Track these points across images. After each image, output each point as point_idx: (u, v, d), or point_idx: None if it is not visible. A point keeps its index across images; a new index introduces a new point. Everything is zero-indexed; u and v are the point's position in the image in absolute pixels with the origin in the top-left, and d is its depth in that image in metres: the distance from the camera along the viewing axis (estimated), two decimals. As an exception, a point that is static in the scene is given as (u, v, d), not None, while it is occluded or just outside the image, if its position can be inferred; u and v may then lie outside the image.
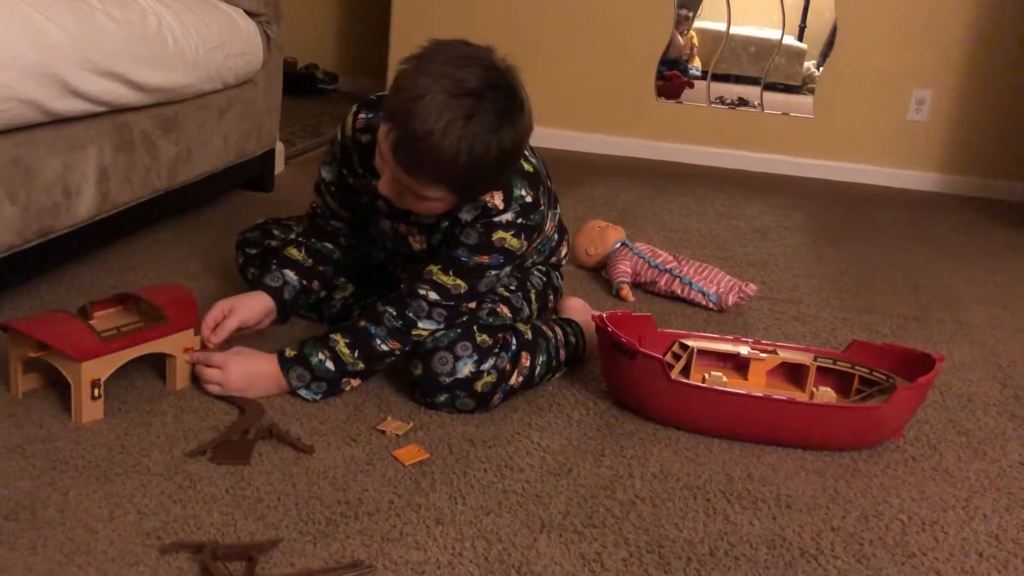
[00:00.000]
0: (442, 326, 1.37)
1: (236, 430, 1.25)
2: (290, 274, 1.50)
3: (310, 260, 1.52)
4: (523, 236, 1.37)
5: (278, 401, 1.35)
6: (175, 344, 1.35)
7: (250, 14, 2.32)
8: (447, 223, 1.39)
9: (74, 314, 1.29)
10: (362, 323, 1.38)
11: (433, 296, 1.36)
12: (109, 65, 1.65)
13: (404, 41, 3.68)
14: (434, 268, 1.37)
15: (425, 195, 1.24)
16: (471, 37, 1.27)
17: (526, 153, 1.38)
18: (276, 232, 1.69)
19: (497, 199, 1.34)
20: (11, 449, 1.17)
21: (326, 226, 1.54)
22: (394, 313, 1.37)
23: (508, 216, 1.35)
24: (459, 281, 1.36)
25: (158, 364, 1.38)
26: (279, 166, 2.72)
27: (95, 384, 1.25)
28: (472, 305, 1.39)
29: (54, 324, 1.25)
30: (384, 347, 1.37)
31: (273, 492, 1.13)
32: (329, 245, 1.53)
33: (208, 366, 1.35)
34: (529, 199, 1.36)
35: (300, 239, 1.54)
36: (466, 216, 1.36)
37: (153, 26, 1.82)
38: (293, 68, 4.39)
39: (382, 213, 1.47)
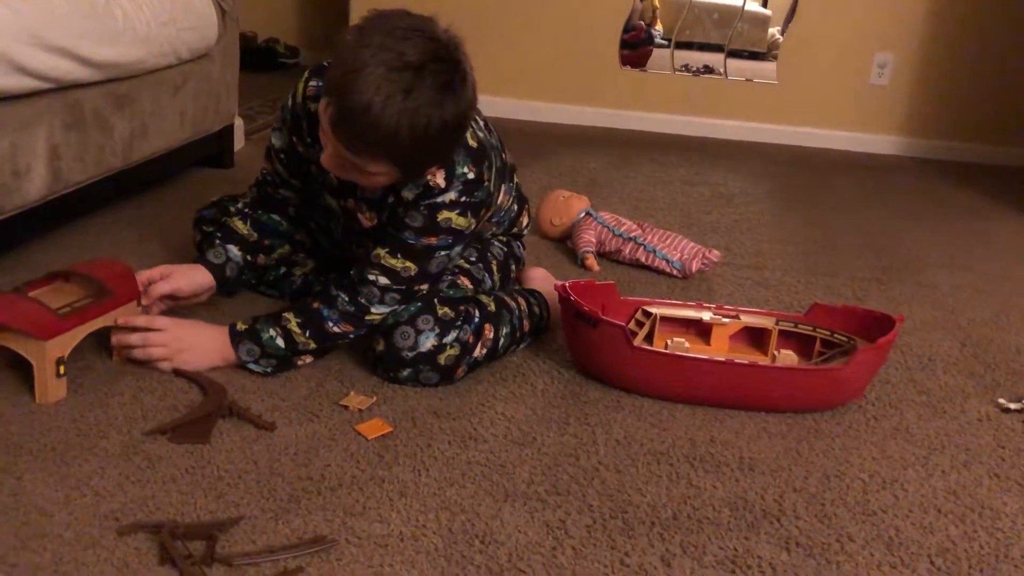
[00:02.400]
0: (394, 307, 1.36)
1: (200, 410, 1.23)
2: (234, 250, 1.48)
3: (255, 234, 1.50)
4: (469, 214, 1.36)
5: (239, 378, 1.34)
6: (123, 317, 1.33)
7: (203, -13, 2.27)
8: (392, 199, 1.37)
9: (18, 293, 1.26)
10: (315, 304, 1.36)
11: (384, 281, 1.35)
12: (56, 40, 1.61)
13: (365, 13, 3.62)
14: (382, 252, 1.36)
15: (368, 170, 1.23)
16: (431, 11, 1.24)
17: (472, 126, 1.36)
18: (232, 208, 1.67)
19: (439, 177, 1.32)
20: (-36, 434, 1.15)
21: (275, 194, 1.52)
22: (346, 299, 1.36)
23: (451, 195, 1.33)
24: (408, 263, 1.35)
25: (105, 342, 1.36)
26: (239, 142, 2.68)
27: (59, 362, 1.22)
28: (425, 287, 1.38)
29: (6, 305, 1.22)
30: (336, 329, 1.36)
31: (234, 470, 1.12)
32: (276, 216, 1.51)
33: (150, 330, 1.34)
34: (472, 175, 1.34)
35: (247, 210, 1.52)
36: (408, 194, 1.34)
37: (102, 1, 1.77)
38: (253, 43, 4.32)
39: (329, 187, 1.45)
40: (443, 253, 1.37)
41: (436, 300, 1.38)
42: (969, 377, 1.59)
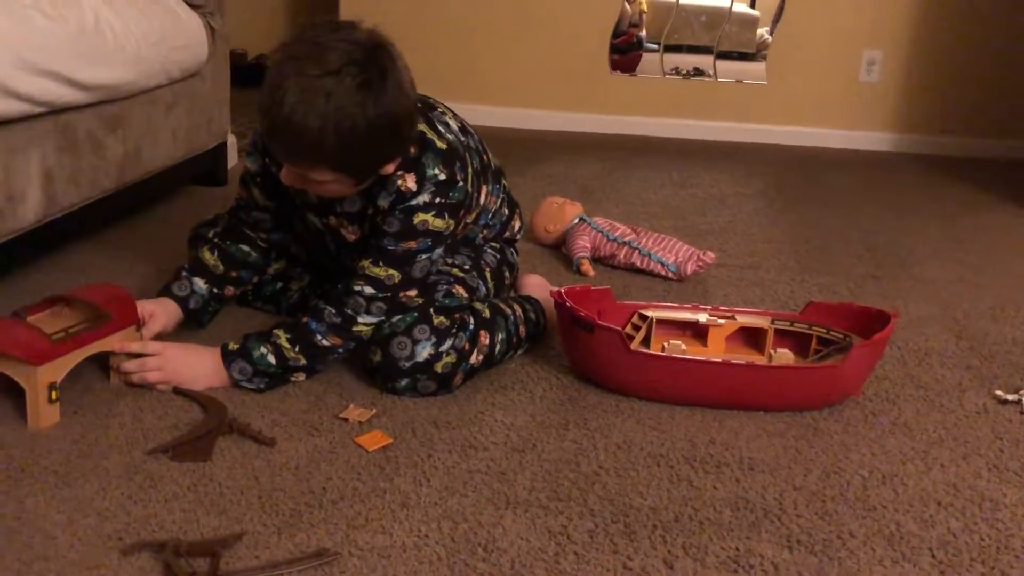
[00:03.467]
0: (382, 318, 1.37)
1: (201, 428, 1.24)
2: (199, 282, 1.49)
3: (222, 265, 1.51)
4: (446, 215, 1.36)
5: (238, 395, 1.34)
6: (121, 341, 1.33)
7: (192, 6, 2.29)
8: (371, 210, 1.38)
9: (15, 318, 1.26)
10: (304, 319, 1.37)
11: (369, 290, 1.36)
12: (46, 64, 1.61)
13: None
14: (366, 262, 1.37)
15: (316, 179, 1.26)
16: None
17: (440, 129, 1.39)
18: (205, 237, 1.66)
19: (410, 181, 1.34)
20: (-35, 460, 1.15)
21: (247, 219, 1.52)
22: (333, 311, 1.36)
23: (424, 197, 1.34)
24: (391, 271, 1.36)
25: (104, 364, 1.36)
26: (232, 159, 2.69)
27: (52, 387, 1.23)
28: (412, 293, 1.38)
29: (3, 330, 1.23)
30: (325, 342, 1.36)
31: (235, 487, 1.13)
32: (245, 247, 1.52)
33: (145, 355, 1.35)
34: (443, 176, 1.35)
35: (216, 239, 1.52)
36: (383, 202, 1.35)
37: (91, 22, 1.78)
38: (243, 60, 4.33)
39: (309, 206, 1.46)
40: (424, 256, 1.37)
41: (431, 309, 1.39)
42: (966, 370, 1.60)
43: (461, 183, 1.37)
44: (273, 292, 1.63)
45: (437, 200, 1.35)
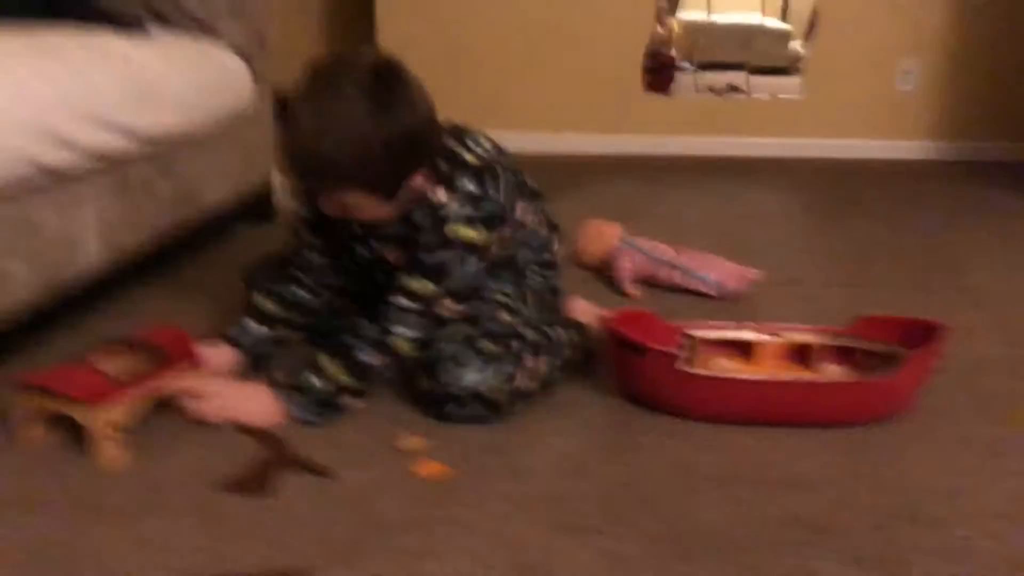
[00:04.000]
0: (419, 332, 1.39)
1: (261, 462, 1.27)
2: (254, 326, 1.54)
3: (276, 309, 1.55)
4: (480, 226, 1.39)
5: (295, 428, 1.37)
6: (181, 380, 1.37)
7: (236, 51, 2.35)
8: (408, 230, 1.42)
9: (81, 363, 1.31)
10: (343, 339, 1.40)
11: (404, 302, 1.39)
12: (100, 115, 1.67)
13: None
14: (403, 276, 1.41)
15: (349, 202, 1.32)
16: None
17: (471, 145, 1.43)
18: (259, 287, 1.70)
19: (442, 195, 1.38)
20: (39, 501, 1.19)
21: (300, 262, 1.57)
22: (371, 325, 1.40)
23: (454, 207, 1.38)
24: (425, 282, 1.39)
25: (166, 404, 1.40)
26: (279, 197, 2.74)
27: (114, 427, 1.27)
28: (449, 304, 1.41)
29: (66, 375, 1.28)
30: (366, 358, 1.38)
31: (297, 519, 1.15)
32: (297, 290, 1.56)
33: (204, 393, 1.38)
34: (474, 189, 1.39)
35: (269, 285, 1.57)
36: (419, 219, 1.40)
37: (139, 72, 1.84)
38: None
39: (354, 237, 1.50)
40: (458, 267, 1.40)
41: (478, 334, 1.41)
42: (1020, 380, 1.58)
43: (493, 195, 1.41)
44: (328, 329, 1.66)
45: (470, 212, 1.39)
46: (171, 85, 1.94)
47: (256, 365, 1.54)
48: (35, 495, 1.20)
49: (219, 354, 1.49)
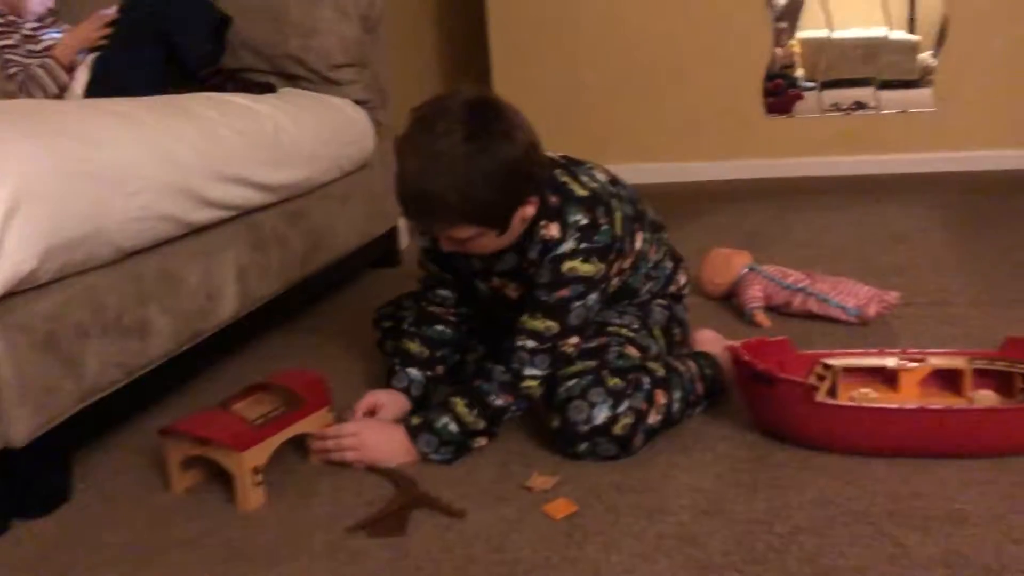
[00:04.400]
0: (548, 371, 1.39)
1: (394, 503, 1.29)
2: (413, 371, 1.56)
3: (426, 350, 1.58)
4: (595, 259, 1.39)
5: (427, 469, 1.38)
6: (316, 423, 1.42)
7: (358, 103, 2.44)
8: (524, 264, 1.43)
9: (221, 408, 1.37)
10: (476, 382, 1.41)
11: (531, 344, 1.39)
12: (235, 172, 1.76)
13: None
14: (525, 317, 1.41)
15: (462, 237, 1.34)
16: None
17: (584, 179, 1.43)
18: (407, 304, 1.75)
19: (554, 230, 1.38)
20: (186, 543, 1.24)
21: (434, 299, 1.60)
22: (501, 369, 1.40)
23: (570, 244, 1.38)
24: (548, 322, 1.39)
25: (303, 447, 1.44)
26: (404, 241, 2.81)
27: (256, 471, 1.31)
28: (572, 341, 1.40)
29: (208, 420, 1.33)
30: (499, 402, 1.39)
31: (431, 559, 1.16)
32: (439, 327, 1.59)
33: (342, 436, 1.41)
34: (585, 221, 1.38)
35: (413, 329, 1.60)
36: (533, 254, 1.40)
37: (270, 130, 1.93)
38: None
39: (475, 272, 1.52)
40: (578, 304, 1.39)
41: (605, 371, 1.39)
42: None
43: (606, 226, 1.40)
44: (453, 364, 1.68)
45: (583, 245, 1.38)
46: (299, 140, 2.03)
47: (420, 408, 1.57)
48: (189, 538, 1.25)
49: (393, 400, 1.53)
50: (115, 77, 2.10)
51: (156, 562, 1.20)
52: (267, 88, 2.28)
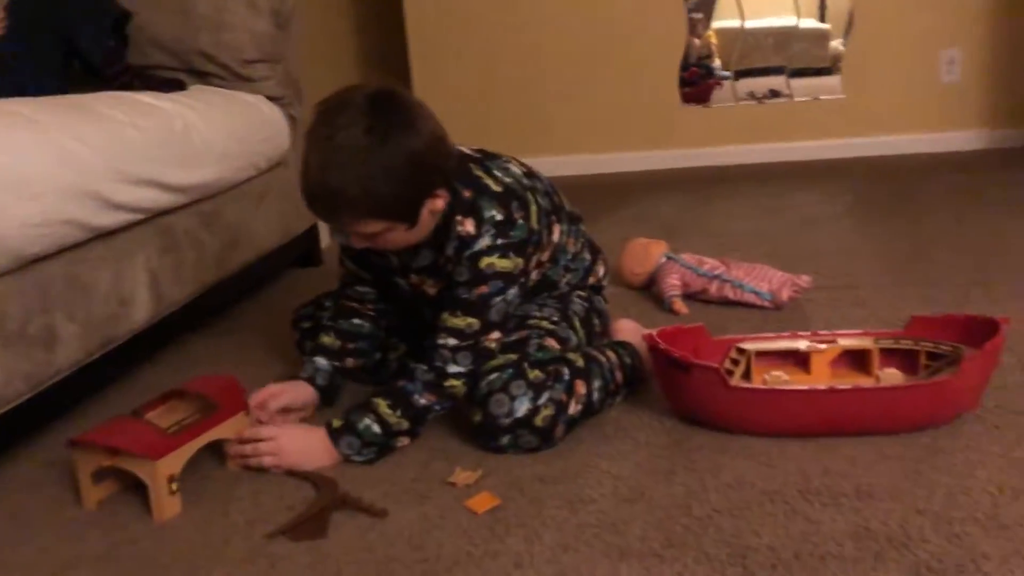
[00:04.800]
0: (470, 367, 1.39)
1: (315, 506, 1.27)
2: (321, 360, 1.55)
3: (339, 342, 1.57)
4: (512, 254, 1.39)
5: (348, 470, 1.37)
6: (232, 428, 1.39)
7: (271, 99, 2.40)
8: (441, 260, 1.43)
9: (134, 417, 1.33)
10: (399, 383, 1.40)
11: (452, 341, 1.39)
12: (142, 173, 1.71)
13: (426, 101, 3.74)
14: (445, 315, 1.41)
15: (370, 232, 1.33)
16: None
17: (497, 174, 1.43)
18: (328, 304, 1.73)
19: (469, 226, 1.38)
20: (99, 557, 1.20)
21: (354, 295, 1.59)
22: (424, 367, 1.40)
23: (486, 240, 1.38)
24: (469, 319, 1.39)
25: (219, 452, 1.41)
26: (325, 240, 2.78)
27: (171, 479, 1.28)
28: (494, 337, 1.41)
29: (120, 429, 1.30)
30: (423, 401, 1.39)
31: (352, 561, 1.15)
32: (356, 321, 1.59)
33: (259, 440, 1.39)
34: (500, 217, 1.39)
35: (328, 323, 1.59)
36: (450, 251, 1.40)
37: (180, 128, 1.88)
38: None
39: (393, 269, 1.52)
40: (499, 299, 1.40)
41: (526, 364, 1.40)
42: (1093, 370, 1.51)
43: (521, 221, 1.40)
44: (373, 363, 1.66)
45: (499, 241, 1.38)
46: (211, 138, 1.98)
47: (328, 400, 1.55)
48: (103, 551, 1.21)
49: (292, 387, 1.51)
50: (11, 72, 2.02)
51: (68, 578, 1.16)
52: (176, 85, 2.23)
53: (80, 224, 1.55)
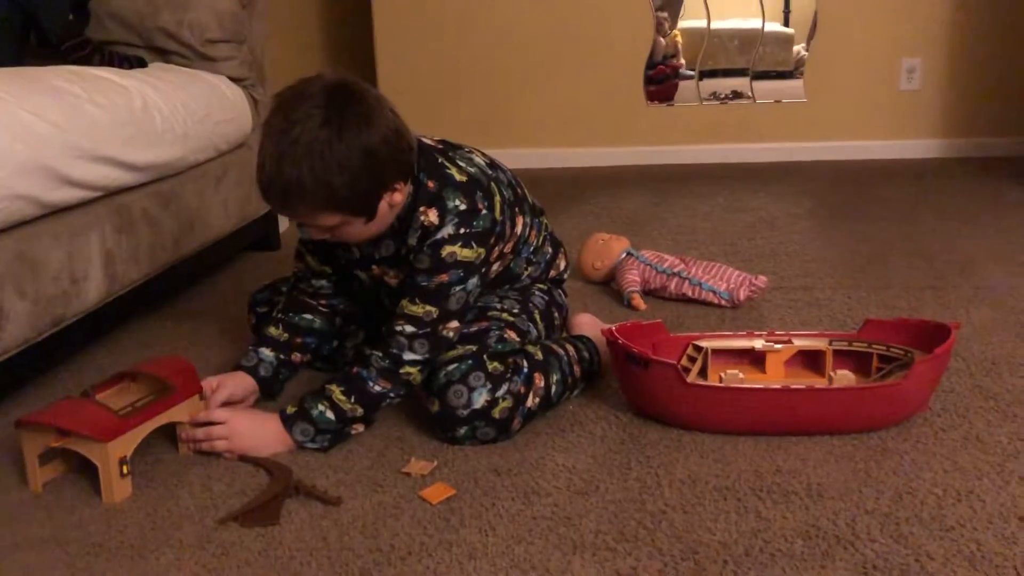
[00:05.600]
0: (427, 356, 1.38)
1: (268, 492, 1.26)
2: (266, 351, 1.53)
3: (286, 335, 1.55)
4: (474, 244, 1.39)
5: (302, 457, 1.36)
6: (186, 411, 1.37)
7: (234, 80, 2.36)
8: (404, 251, 1.42)
9: (85, 398, 1.31)
10: (354, 369, 1.39)
11: (409, 328, 1.38)
12: (99, 150, 1.68)
13: (390, 94, 3.72)
14: (404, 301, 1.40)
15: (328, 224, 1.33)
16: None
17: (461, 164, 1.43)
18: (284, 289, 1.71)
19: (432, 216, 1.38)
20: (45, 540, 1.18)
21: (307, 289, 1.58)
22: (379, 354, 1.39)
23: (448, 229, 1.38)
24: (428, 307, 1.38)
25: (171, 435, 1.40)
26: (283, 224, 2.75)
27: (122, 462, 1.26)
28: (452, 326, 1.40)
29: (70, 410, 1.27)
30: (377, 388, 1.38)
31: (305, 548, 1.14)
32: (307, 316, 1.57)
33: (212, 424, 1.38)
34: (464, 206, 1.38)
35: (278, 315, 1.58)
36: (412, 240, 1.40)
37: (139, 106, 1.85)
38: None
39: (354, 262, 1.50)
40: (458, 288, 1.39)
41: (485, 356, 1.40)
42: (1037, 377, 1.55)
43: (485, 211, 1.40)
44: (330, 351, 1.65)
45: (462, 230, 1.38)
46: (170, 117, 1.95)
47: (269, 392, 1.54)
48: (47, 535, 1.19)
49: (232, 379, 1.49)
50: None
51: (9, 561, 1.14)
52: (137, 63, 2.19)
53: (33, 200, 1.52)
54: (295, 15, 4.16)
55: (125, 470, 1.27)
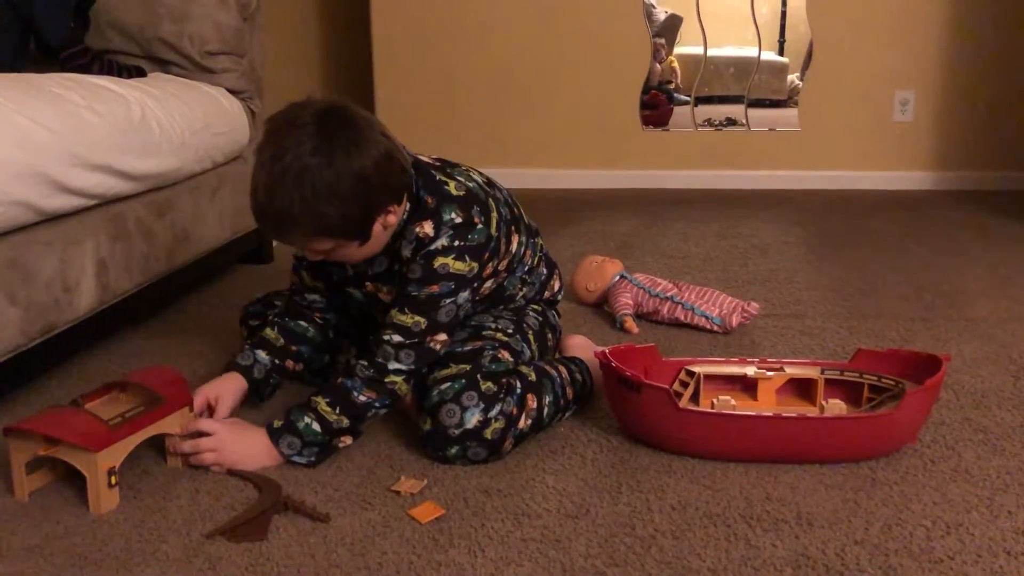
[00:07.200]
0: (413, 367, 1.38)
1: (256, 508, 1.25)
2: (261, 354, 1.53)
3: (282, 340, 1.55)
4: (467, 257, 1.39)
5: (291, 471, 1.35)
6: (175, 423, 1.36)
7: (232, 92, 2.37)
8: (397, 265, 1.42)
9: (74, 407, 1.30)
10: (339, 380, 1.39)
11: (397, 338, 1.38)
12: (97, 159, 1.68)
13: (387, 112, 3.74)
14: (394, 311, 1.40)
15: (322, 248, 1.34)
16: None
17: (459, 179, 1.43)
18: (278, 303, 1.71)
19: (428, 228, 1.38)
20: (30, 550, 1.17)
21: (302, 302, 1.58)
22: (365, 363, 1.39)
23: (443, 241, 1.38)
24: (417, 317, 1.38)
25: (160, 447, 1.39)
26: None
27: (111, 472, 1.25)
28: (440, 338, 1.40)
29: (59, 419, 1.26)
30: (362, 398, 1.37)
31: (292, 565, 1.13)
32: (303, 323, 1.57)
33: (201, 437, 1.37)
34: (459, 219, 1.39)
35: (275, 319, 1.58)
36: (406, 252, 1.40)
37: (137, 115, 1.85)
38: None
39: (347, 280, 1.51)
40: (448, 301, 1.39)
41: (478, 375, 1.39)
42: (1026, 411, 1.56)
43: (481, 225, 1.41)
44: (322, 365, 1.65)
45: (456, 243, 1.38)
46: (168, 128, 1.95)
47: (258, 394, 1.53)
48: (33, 544, 1.18)
49: (227, 388, 1.48)
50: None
51: (-5, 569, 1.13)
52: (136, 72, 2.19)
53: (29, 206, 1.51)
54: (295, 30, 4.18)
55: (113, 481, 1.26)
